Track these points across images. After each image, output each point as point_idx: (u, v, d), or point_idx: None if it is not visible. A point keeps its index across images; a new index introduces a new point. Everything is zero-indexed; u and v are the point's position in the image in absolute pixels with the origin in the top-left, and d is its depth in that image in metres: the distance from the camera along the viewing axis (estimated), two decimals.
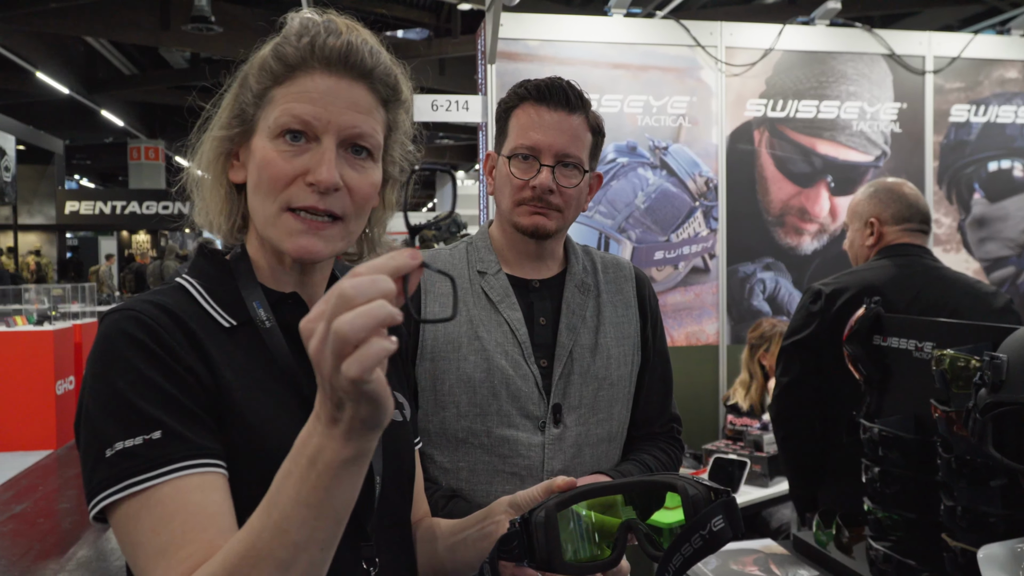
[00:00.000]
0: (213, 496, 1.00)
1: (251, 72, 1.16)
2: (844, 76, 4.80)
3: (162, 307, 1.08)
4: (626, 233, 4.54)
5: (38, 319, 9.08)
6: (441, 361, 1.77)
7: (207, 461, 1.01)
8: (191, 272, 1.20)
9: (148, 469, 0.98)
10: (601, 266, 1.94)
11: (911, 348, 2.10)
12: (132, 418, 1.00)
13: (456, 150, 27.30)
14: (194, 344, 1.07)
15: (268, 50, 1.15)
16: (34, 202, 22.86)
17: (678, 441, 1.97)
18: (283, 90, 1.12)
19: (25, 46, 15.42)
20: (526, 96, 1.79)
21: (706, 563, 2.12)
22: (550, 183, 1.75)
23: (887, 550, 1.93)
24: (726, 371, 4.67)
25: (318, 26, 1.13)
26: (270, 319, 1.14)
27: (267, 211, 1.12)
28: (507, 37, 4.40)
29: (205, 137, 1.20)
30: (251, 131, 1.15)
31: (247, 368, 1.11)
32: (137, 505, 0.98)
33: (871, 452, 2.02)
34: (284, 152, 1.10)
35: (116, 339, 1.04)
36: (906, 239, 2.81)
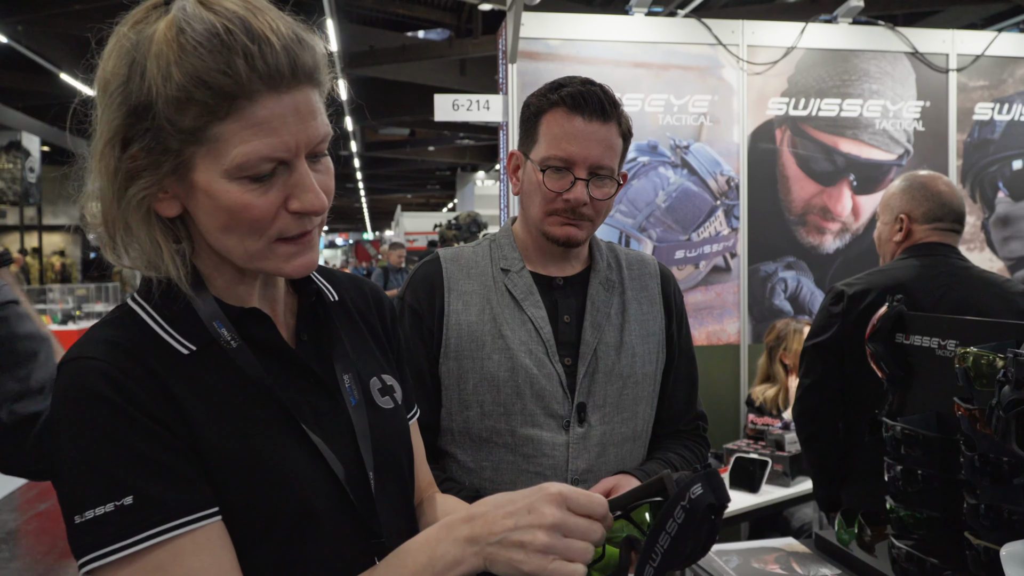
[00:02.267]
0: (211, 555, 0.97)
1: (159, 102, 0.96)
2: (867, 74, 4.78)
3: (120, 348, 1.01)
4: (647, 232, 4.53)
5: (63, 319, 9.17)
6: (465, 360, 1.77)
7: (193, 517, 0.96)
8: (141, 294, 1.09)
9: (125, 536, 0.93)
10: (626, 263, 1.94)
11: (934, 346, 2.09)
12: (101, 484, 0.94)
13: (476, 150, 27.31)
14: (158, 386, 1.00)
15: (178, 76, 0.95)
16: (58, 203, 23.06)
17: (704, 439, 1.98)
18: (228, 126, 0.97)
19: (49, 47, 15.55)
20: (559, 103, 1.74)
21: (727, 561, 2.12)
22: (585, 197, 1.73)
23: (910, 548, 1.92)
24: (747, 370, 4.66)
25: (237, 34, 0.96)
26: (235, 339, 1.07)
27: (252, 248, 1.04)
28: (528, 36, 4.41)
29: (98, 172, 1.03)
30: (185, 166, 1.00)
31: (215, 393, 1.05)
32: (129, 572, 0.94)
33: (893, 450, 2.01)
34: (255, 190, 1.00)
35: (79, 398, 0.97)
36: (935, 238, 2.76)
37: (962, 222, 2.78)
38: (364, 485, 1.13)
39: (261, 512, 1.02)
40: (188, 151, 0.98)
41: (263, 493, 1.02)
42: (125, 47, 0.98)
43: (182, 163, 1.00)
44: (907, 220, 2.79)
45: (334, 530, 1.08)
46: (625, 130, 1.79)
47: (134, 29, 0.99)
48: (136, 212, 1.02)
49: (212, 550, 0.97)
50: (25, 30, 14.19)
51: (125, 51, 0.98)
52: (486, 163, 28.33)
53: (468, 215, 8.68)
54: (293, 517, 1.05)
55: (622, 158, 1.81)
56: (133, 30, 0.99)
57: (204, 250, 1.10)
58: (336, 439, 1.12)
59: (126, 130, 0.99)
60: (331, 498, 1.08)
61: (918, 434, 1.96)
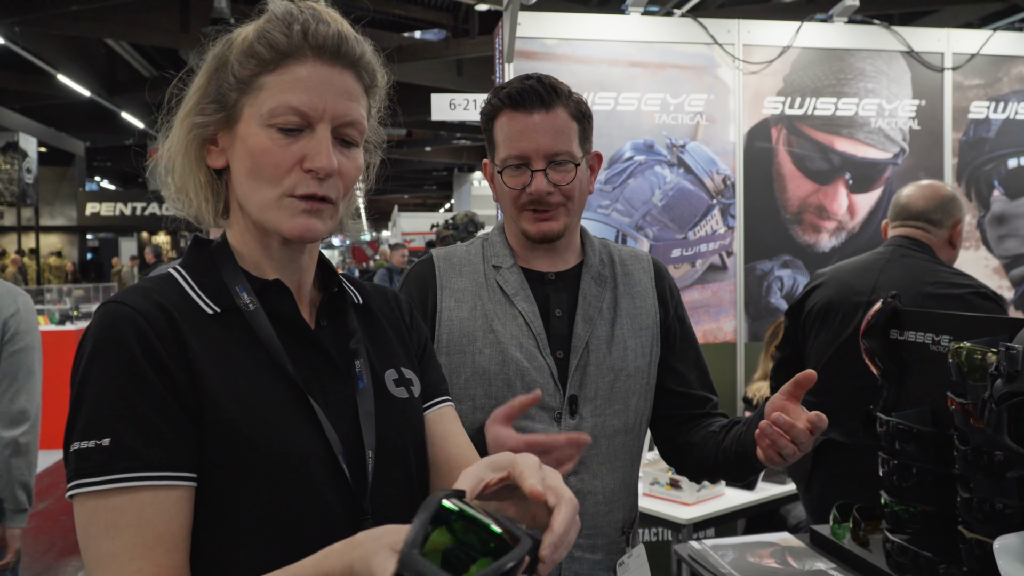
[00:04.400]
0: (167, 513, 1.03)
1: (232, 57, 1.16)
2: (862, 73, 4.79)
3: (153, 300, 1.11)
4: (643, 231, 4.55)
5: (60, 319, 9.17)
6: (456, 355, 1.80)
7: (161, 474, 1.03)
8: (182, 263, 1.23)
9: (98, 473, 1.01)
10: (619, 258, 1.96)
11: (928, 342, 2.10)
12: (92, 421, 1.03)
13: (473, 150, 27.33)
14: (177, 341, 1.09)
15: (252, 35, 1.16)
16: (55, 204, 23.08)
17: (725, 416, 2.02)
18: (274, 78, 1.14)
19: (47, 49, 15.57)
20: (501, 106, 1.80)
21: (723, 555, 2.13)
22: (545, 187, 1.76)
23: (904, 542, 1.94)
24: (744, 369, 4.67)
25: (306, 13, 1.16)
26: (253, 303, 1.17)
27: (266, 197, 1.16)
28: (525, 36, 4.42)
29: (177, 122, 1.21)
30: (235, 117, 1.17)
31: (230, 354, 1.13)
32: (93, 505, 1.02)
33: (888, 445, 2.03)
34: (279, 140, 1.14)
35: (103, 339, 1.07)
36: (897, 232, 3.07)
37: (924, 218, 3.02)
38: (361, 465, 1.17)
39: (254, 473, 1.08)
40: (240, 102, 1.16)
41: (260, 455, 1.08)
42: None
43: (234, 113, 1.16)
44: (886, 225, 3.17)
45: (323, 502, 1.11)
46: (577, 112, 1.81)
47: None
48: (190, 153, 1.20)
49: (168, 509, 1.03)
50: (22, 31, 14.21)
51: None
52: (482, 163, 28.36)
53: (465, 215, 8.67)
54: (283, 480, 1.09)
55: (583, 138, 1.83)
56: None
57: (237, 220, 1.23)
58: (339, 417, 1.17)
59: (206, 86, 1.18)
60: (326, 470, 1.13)
61: (912, 429, 1.98)
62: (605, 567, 1.82)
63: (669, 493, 3.58)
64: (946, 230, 3.02)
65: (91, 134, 23.66)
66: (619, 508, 1.85)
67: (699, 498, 3.57)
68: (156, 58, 19.42)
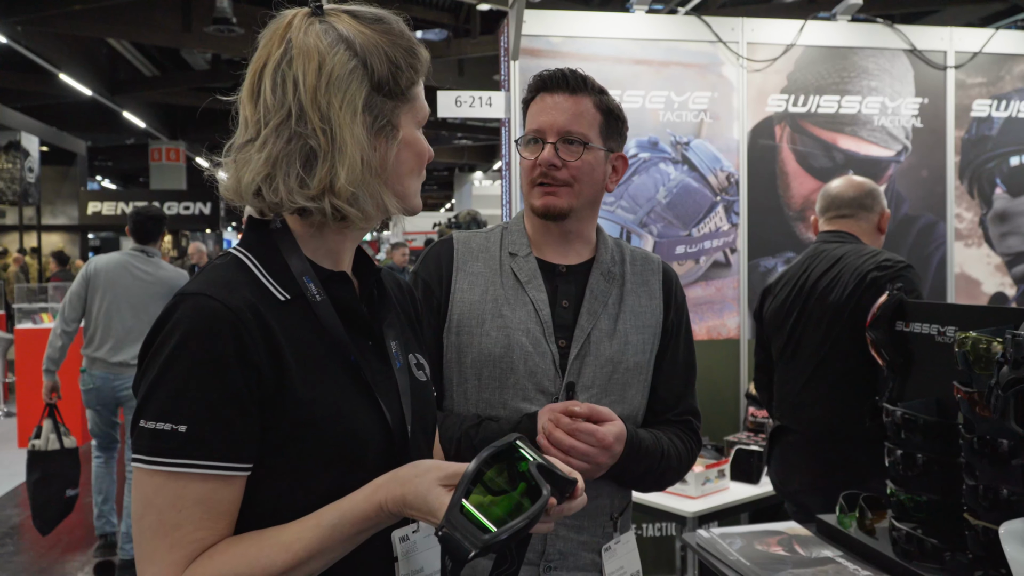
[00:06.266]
0: (227, 496, 1.15)
1: (385, 67, 1.26)
2: (865, 71, 4.82)
3: (240, 295, 1.18)
4: (648, 228, 4.57)
5: None
6: (464, 335, 1.87)
7: (229, 465, 1.14)
8: (244, 245, 1.29)
9: (172, 455, 1.12)
10: (630, 258, 2.01)
11: (933, 333, 2.13)
12: (170, 405, 1.13)
13: (474, 150, 27.35)
14: (266, 333, 1.18)
15: (403, 60, 1.28)
16: (57, 203, 23.07)
17: (694, 433, 2.01)
18: (418, 88, 1.32)
19: (49, 48, 15.55)
20: (535, 89, 1.92)
21: (731, 543, 2.16)
22: (552, 158, 1.84)
23: (910, 530, 1.96)
24: (747, 365, 4.69)
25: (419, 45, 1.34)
26: (320, 293, 1.25)
27: (416, 186, 1.34)
28: (530, 34, 4.45)
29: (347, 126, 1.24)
30: (394, 124, 1.29)
31: (302, 341, 1.22)
32: (162, 480, 1.12)
33: (894, 435, 2.05)
34: (423, 138, 1.34)
35: (194, 331, 1.14)
36: (826, 227, 3.27)
37: (847, 207, 3.22)
38: (404, 436, 1.30)
39: (327, 449, 1.21)
40: (399, 110, 1.28)
41: (332, 433, 1.21)
42: (329, 42, 1.23)
43: (393, 121, 1.28)
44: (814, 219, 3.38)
45: (376, 471, 1.21)
46: (603, 106, 1.90)
47: (311, 33, 1.23)
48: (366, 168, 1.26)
49: (229, 493, 1.16)
50: (24, 30, 14.19)
51: (335, 44, 1.23)
52: (484, 163, 28.36)
53: (468, 213, 8.67)
54: (350, 456, 1.22)
55: (607, 133, 1.91)
56: (310, 34, 1.23)
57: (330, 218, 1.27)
58: (386, 394, 1.30)
59: (365, 101, 1.24)
60: (381, 443, 1.26)
61: (918, 418, 2.00)
62: (590, 548, 1.86)
63: (675, 487, 3.60)
64: (876, 215, 3.20)
65: (92, 133, 23.66)
66: (606, 495, 1.88)
67: (703, 491, 3.59)
68: (158, 58, 19.44)
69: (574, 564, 1.84)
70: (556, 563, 1.83)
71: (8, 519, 6.48)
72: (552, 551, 1.83)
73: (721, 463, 3.76)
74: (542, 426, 1.73)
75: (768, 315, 3.29)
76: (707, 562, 2.15)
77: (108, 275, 5.23)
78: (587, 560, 1.86)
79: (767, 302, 3.32)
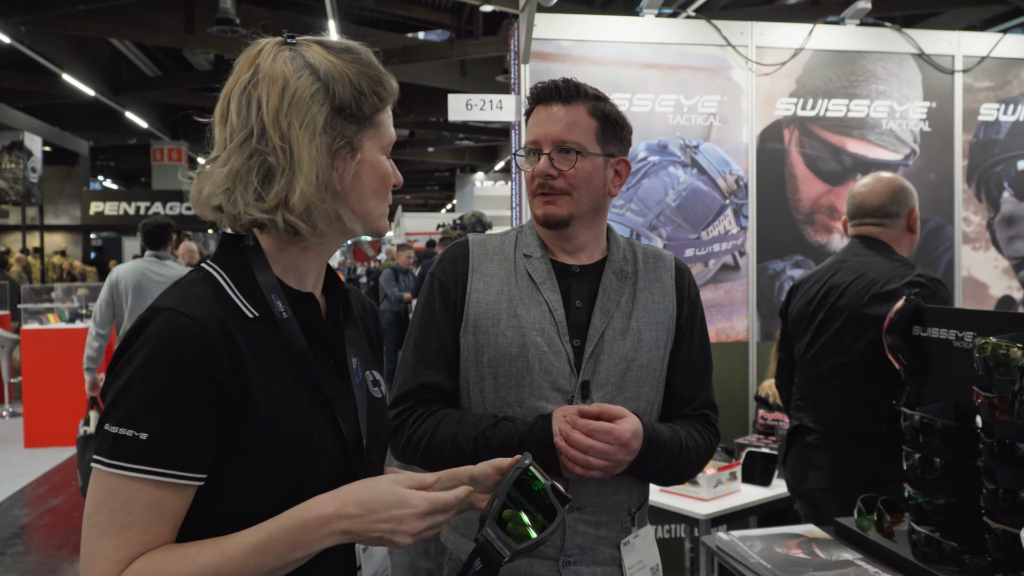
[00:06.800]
0: (177, 503, 1.21)
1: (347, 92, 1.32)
2: (874, 75, 4.84)
3: (209, 311, 1.24)
4: (657, 231, 4.59)
5: (70, 317, 9.21)
6: (481, 335, 1.91)
7: (184, 474, 1.20)
8: (217, 261, 1.36)
9: (132, 460, 1.17)
10: (642, 256, 2.05)
11: (951, 338, 2.15)
12: (135, 412, 1.18)
13: (476, 151, 27.38)
14: (232, 350, 1.23)
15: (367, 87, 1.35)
16: (59, 203, 23.10)
17: (712, 427, 2.05)
18: (385, 115, 1.39)
19: (52, 48, 15.58)
20: (532, 101, 1.98)
21: (751, 546, 2.18)
22: (547, 168, 1.90)
23: (929, 533, 1.98)
24: (755, 367, 4.72)
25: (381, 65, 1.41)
26: (287, 311, 1.32)
27: (383, 209, 1.41)
28: (540, 37, 4.47)
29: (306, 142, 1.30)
30: (356, 146, 1.35)
31: (266, 356, 1.28)
32: (118, 482, 1.18)
33: (912, 439, 2.07)
34: (388, 163, 1.40)
35: (164, 344, 1.20)
36: (855, 231, 3.23)
37: (875, 216, 3.17)
38: (359, 449, 1.38)
39: (282, 461, 1.27)
40: (361, 134, 1.35)
41: (288, 446, 1.27)
42: (294, 68, 1.30)
43: (354, 143, 1.34)
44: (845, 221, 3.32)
45: (328, 483, 1.28)
46: (598, 112, 1.94)
47: (279, 59, 1.30)
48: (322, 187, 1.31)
49: (179, 501, 1.22)
50: (28, 31, 14.22)
51: (300, 70, 1.30)
52: (485, 164, 28.38)
53: (473, 215, 8.73)
54: (303, 468, 1.29)
55: (604, 138, 1.95)
56: (278, 60, 1.30)
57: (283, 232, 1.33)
58: (344, 409, 1.36)
59: (325, 123, 1.30)
60: (335, 456, 1.33)
61: (936, 422, 2.02)
62: (609, 543, 1.90)
63: (686, 489, 3.62)
64: (903, 219, 3.16)
65: (95, 133, 23.69)
66: (624, 491, 1.92)
67: (715, 494, 3.61)
68: (160, 58, 19.46)
69: (593, 559, 1.88)
70: (575, 558, 1.87)
71: (16, 519, 6.49)
72: (571, 546, 1.86)
73: (733, 465, 3.78)
74: (558, 428, 1.75)
75: (793, 314, 3.30)
76: (727, 565, 2.17)
77: (129, 281, 5.88)
78: (606, 555, 1.90)
79: (793, 300, 3.32)
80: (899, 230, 3.15)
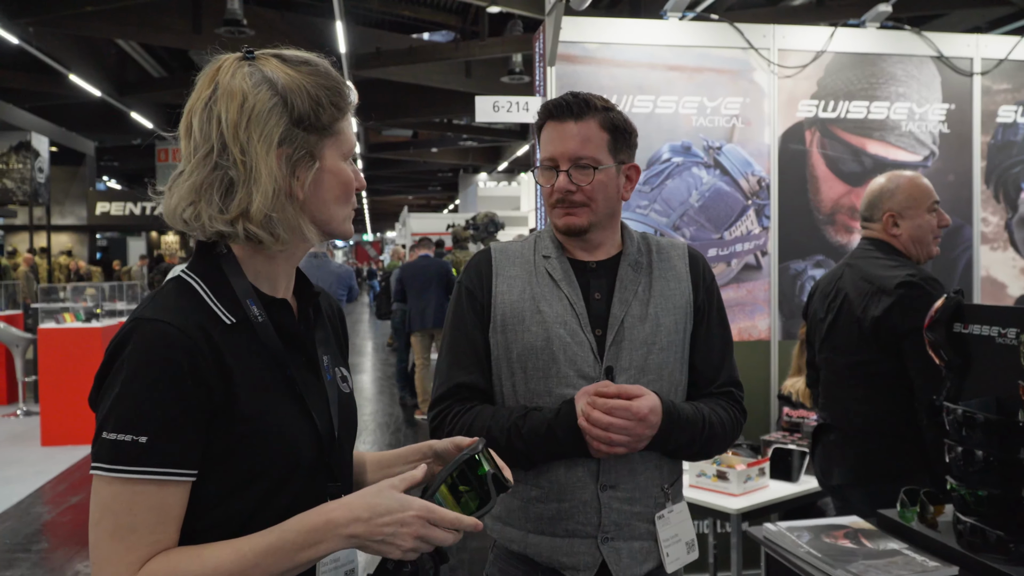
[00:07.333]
0: (179, 500, 1.27)
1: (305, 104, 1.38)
2: (893, 77, 4.90)
3: (190, 319, 1.31)
4: (680, 231, 4.66)
5: (86, 317, 9.27)
6: (509, 333, 2.04)
7: (183, 471, 1.26)
8: (193, 270, 1.41)
9: (133, 463, 1.23)
10: (656, 248, 2.16)
11: (994, 335, 2.22)
12: (131, 419, 1.24)
13: (479, 151, 27.42)
14: (216, 356, 1.30)
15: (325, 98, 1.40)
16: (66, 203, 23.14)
17: (737, 403, 2.15)
18: (344, 123, 1.45)
19: (59, 49, 15.62)
20: (543, 118, 2.08)
21: (799, 536, 2.24)
22: (567, 184, 2.01)
23: (975, 522, 2.05)
24: (777, 365, 4.78)
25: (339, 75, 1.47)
26: (262, 315, 1.39)
27: (346, 213, 1.47)
28: (566, 40, 4.53)
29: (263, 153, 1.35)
30: (317, 155, 1.41)
31: (246, 358, 1.35)
32: (120, 486, 1.23)
33: (955, 433, 2.14)
34: (350, 169, 1.45)
35: (152, 353, 1.26)
36: (862, 233, 3.30)
37: (867, 217, 3.24)
38: (332, 440, 1.45)
39: (266, 456, 1.34)
40: (321, 143, 1.40)
41: (271, 442, 1.34)
42: (253, 83, 1.35)
43: (315, 153, 1.39)
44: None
45: (308, 475, 1.39)
46: (608, 124, 2.04)
47: (238, 75, 1.36)
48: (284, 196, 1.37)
49: (180, 497, 1.28)
50: (35, 31, 14.26)
51: (258, 85, 1.35)
52: (488, 164, 28.43)
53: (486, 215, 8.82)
54: (285, 462, 1.36)
55: (616, 148, 2.06)
56: (237, 75, 1.36)
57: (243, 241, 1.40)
58: (317, 405, 1.44)
59: (283, 135, 1.36)
60: (312, 449, 1.41)
61: (979, 416, 2.09)
62: (644, 519, 2.00)
63: (716, 484, 3.69)
64: (880, 222, 3.18)
65: (101, 134, 23.74)
66: (654, 467, 2.02)
67: (745, 489, 3.68)
68: (166, 59, 19.51)
69: (629, 534, 1.98)
70: (612, 533, 1.97)
71: (39, 516, 6.55)
72: (608, 523, 1.97)
73: (761, 462, 3.85)
74: (581, 409, 1.87)
75: (811, 315, 3.39)
76: (777, 555, 2.24)
77: None
78: (642, 530, 2.00)
79: (812, 301, 3.40)
80: (886, 234, 3.17)
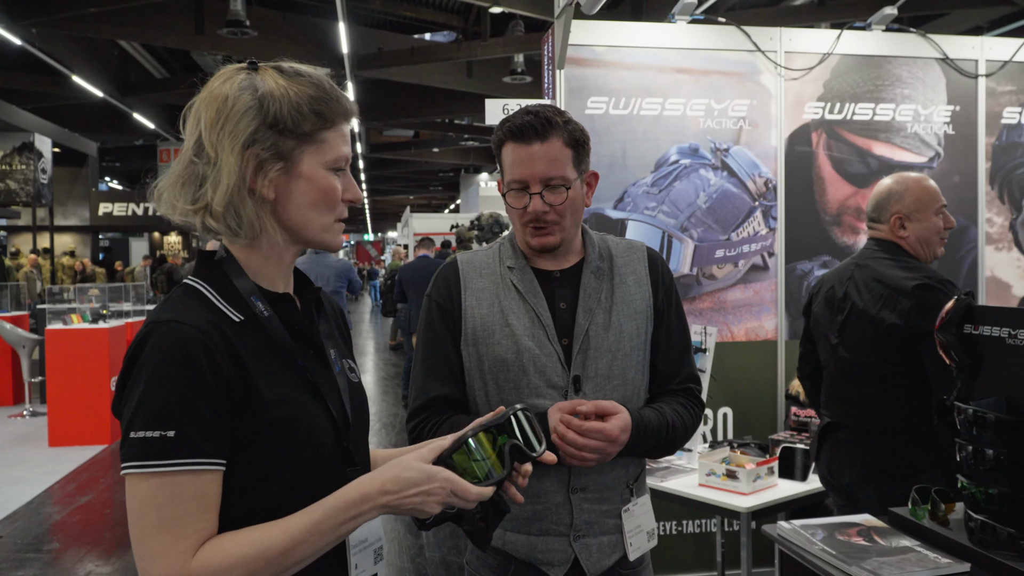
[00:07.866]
0: (215, 487, 1.33)
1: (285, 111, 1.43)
2: (899, 80, 4.94)
3: (204, 317, 1.37)
4: (688, 232, 4.70)
5: (92, 318, 9.31)
6: (480, 346, 2.11)
7: (205, 460, 1.31)
8: (198, 275, 1.48)
9: (166, 457, 1.28)
10: (615, 251, 2.22)
11: (1004, 336, 2.25)
12: (157, 416, 1.29)
13: (480, 151, 27.44)
14: (233, 352, 1.36)
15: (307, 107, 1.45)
16: (68, 204, 23.18)
17: (696, 398, 2.24)
18: (331, 133, 1.49)
19: (62, 50, 15.65)
20: (504, 137, 2.10)
21: (813, 534, 2.28)
22: (541, 207, 2.05)
23: (986, 519, 2.09)
24: (785, 366, 4.82)
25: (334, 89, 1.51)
26: (267, 310, 1.45)
27: (326, 221, 1.51)
28: (574, 43, 4.56)
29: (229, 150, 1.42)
30: (294, 160, 1.46)
31: (259, 353, 1.41)
32: (158, 481, 1.28)
33: (966, 432, 2.18)
34: (335, 179, 1.49)
35: (173, 352, 1.32)
36: (868, 234, 3.33)
37: (872, 218, 3.28)
38: (347, 429, 1.52)
39: (289, 444, 1.40)
40: (300, 149, 1.45)
41: (293, 430, 1.41)
42: (239, 88, 1.42)
43: (291, 156, 1.45)
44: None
45: (329, 460, 1.46)
46: (571, 140, 2.09)
47: (229, 82, 1.43)
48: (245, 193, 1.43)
49: (216, 484, 1.33)
50: (38, 32, 14.29)
51: (243, 90, 1.42)
52: (489, 164, 28.44)
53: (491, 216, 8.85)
54: (308, 449, 1.42)
55: (578, 161, 2.11)
56: (227, 82, 1.43)
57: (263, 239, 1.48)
58: (330, 394, 1.51)
59: (253, 135, 1.41)
60: (331, 436, 1.47)
61: (990, 416, 2.13)
62: (612, 515, 2.11)
63: (726, 483, 3.73)
64: (887, 224, 3.21)
65: (103, 135, 23.77)
66: (620, 468, 2.12)
67: (755, 488, 3.72)
68: (168, 60, 19.54)
69: (599, 530, 2.10)
70: (583, 531, 2.08)
71: (49, 517, 6.59)
72: (579, 522, 2.07)
73: (770, 461, 3.88)
74: (553, 427, 1.95)
75: (816, 313, 3.41)
76: (792, 552, 2.28)
77: None
78: (610, 525, 2.11)
79: (815, 299, 3.44)
80: (893, 235, 3.20)
